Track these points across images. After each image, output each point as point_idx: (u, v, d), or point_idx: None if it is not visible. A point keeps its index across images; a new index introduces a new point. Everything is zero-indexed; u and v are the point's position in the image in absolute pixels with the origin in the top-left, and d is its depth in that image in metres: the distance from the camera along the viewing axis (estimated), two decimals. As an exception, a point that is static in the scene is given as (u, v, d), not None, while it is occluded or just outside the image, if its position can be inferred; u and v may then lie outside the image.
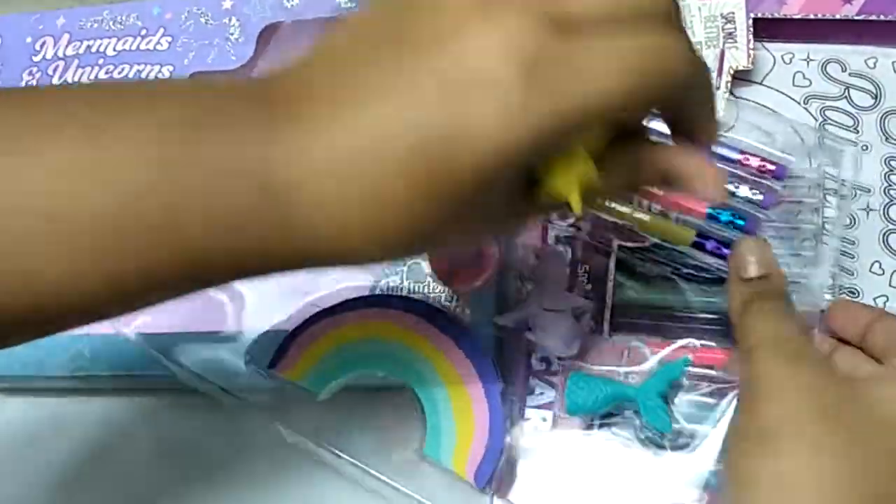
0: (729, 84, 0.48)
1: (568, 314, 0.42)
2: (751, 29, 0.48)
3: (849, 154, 0.44)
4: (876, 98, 0.48)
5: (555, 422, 0.43)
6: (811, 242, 0.42)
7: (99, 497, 0.46)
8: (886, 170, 0.47)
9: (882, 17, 0.48)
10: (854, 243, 0.45)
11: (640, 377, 0.42)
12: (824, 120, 0.48)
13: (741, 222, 0.41)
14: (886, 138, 0.47)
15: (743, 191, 0.41)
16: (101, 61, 0.54)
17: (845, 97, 0.49)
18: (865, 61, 0.49)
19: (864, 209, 0.46)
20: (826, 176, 0.43)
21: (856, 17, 0.49)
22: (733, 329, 0.36)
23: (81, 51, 0.54)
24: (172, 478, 0.46)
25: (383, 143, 0.25)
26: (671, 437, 0.41)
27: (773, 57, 0.50)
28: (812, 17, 0.49)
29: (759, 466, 0.30)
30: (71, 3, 0.56)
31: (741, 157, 0.43)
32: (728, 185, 0.42)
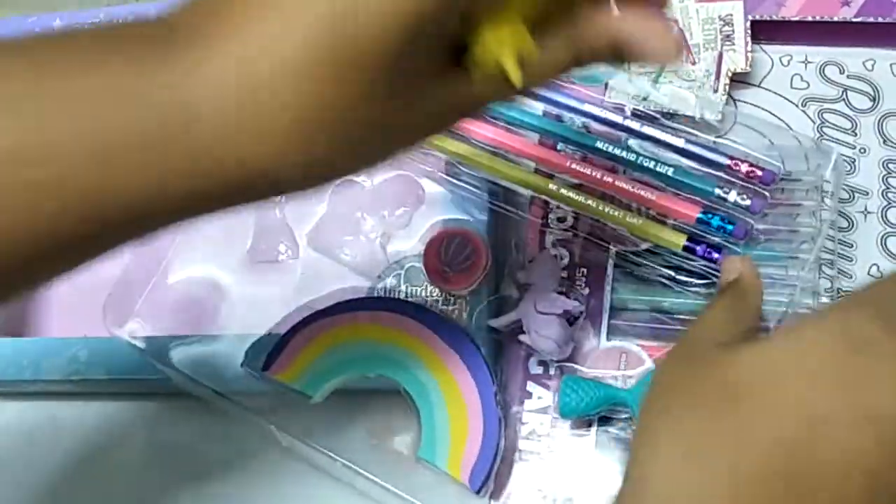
0: (727, 86, 0.48)
1: (561, 317, 0.42)
2: (749, 31, 0.48)
3: (847, 157, 0.44)
4: (874, 100, 0.48)
5: (550, 424, 0.42)
6: (809, 245, 0.42)
7: (94, 500, 0.46)
8: (884, 173, 0.46)
9: (880, 19, 0.48)
10: (852, 246, 0.45)
11: (636, 380, 0.42)
12: (822, 122, 0.48)
13: (730, 227, 0.41)
14: (884, 141, 0.47)
15: (732, 196, 0.41)
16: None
17: (843, 99, 0.48)
18: (863, 63, 0.49)
19: (862, 212, 0.46)
20: (824, 179, 0.43)
21: (854, 20, 0.49)
22: None
23: (79, 53, 0.54)
24: (167, 480, 0.46)
25: (282, 40, 0.24)
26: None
27: (771, 59, 0.50)
28: (810, 19, 0.49)
29: (637, 445, 0.29)
30: (68, 6, 0.56)
31: (730, 162, 0.43)
32: (717, 190, 0.42)
